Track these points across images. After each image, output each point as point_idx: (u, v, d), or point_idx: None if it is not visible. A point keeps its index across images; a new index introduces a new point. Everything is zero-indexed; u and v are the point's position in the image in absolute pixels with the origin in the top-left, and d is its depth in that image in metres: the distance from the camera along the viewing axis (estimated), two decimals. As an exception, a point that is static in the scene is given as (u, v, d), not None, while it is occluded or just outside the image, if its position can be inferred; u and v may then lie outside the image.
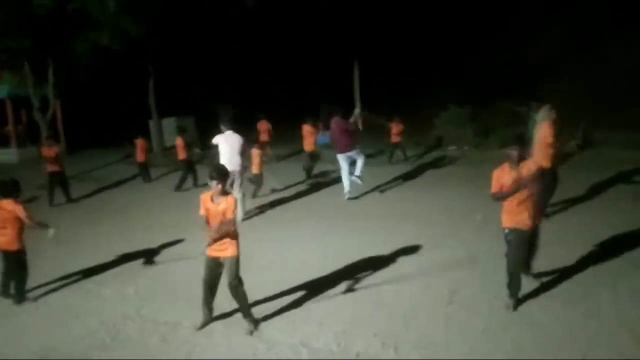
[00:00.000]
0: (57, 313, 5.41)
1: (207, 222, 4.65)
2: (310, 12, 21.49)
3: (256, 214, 9.38)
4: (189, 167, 12.28)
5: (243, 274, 4.70)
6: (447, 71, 21.85)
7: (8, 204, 5.61)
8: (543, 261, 5.47)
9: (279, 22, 22.54)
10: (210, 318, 4.87)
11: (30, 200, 10.96)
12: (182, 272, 6.34)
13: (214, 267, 4.70)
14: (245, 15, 16.87)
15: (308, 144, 12.81)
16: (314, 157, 12.71)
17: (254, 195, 10.50)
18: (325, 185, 11.65)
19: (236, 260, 4.65)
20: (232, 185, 8.25)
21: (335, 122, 9.89)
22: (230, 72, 24.31)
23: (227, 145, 8.53)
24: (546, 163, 7.17)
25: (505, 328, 4.46)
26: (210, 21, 16.98)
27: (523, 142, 4.78)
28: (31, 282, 6.03)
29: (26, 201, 10.98)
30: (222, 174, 4.64)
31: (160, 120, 19.70)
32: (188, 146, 12.60)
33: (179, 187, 11.90)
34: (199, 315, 4.96)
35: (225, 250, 4.61)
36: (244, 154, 8.84)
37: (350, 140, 9.78)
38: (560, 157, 7.61)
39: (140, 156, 13.63)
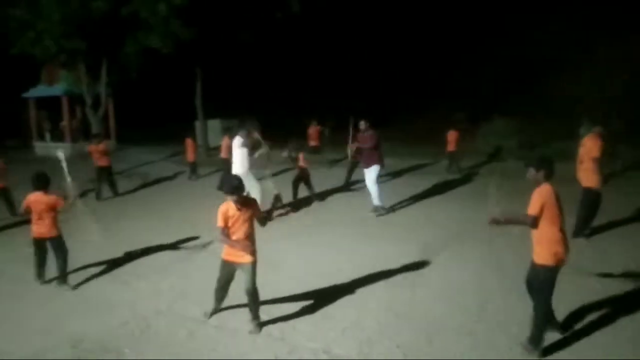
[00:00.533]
0: (92, 302, 5.64)
1: (228, 233, 4.66)
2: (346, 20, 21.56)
3: (282, 219, 9.43)
4: (230, 167, 12.48)
5: (271, 276, 4.78)
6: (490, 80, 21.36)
7: (42, 197, 5.99)
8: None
9: (326, 28, 22.76)
10: (219, 308, 5.16)
11: (82, 195, 11.46)
12: (216, 270, 6.46)
13: (230, 271, 4.89)
14: (291, 20, 17.08)
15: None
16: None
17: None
18: (362, 193, 11.60)
19: (253, 266, 4.73)
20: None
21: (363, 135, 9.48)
22: (277, 76, 24.70)
23: (239, 150, 8.93)
24: (589, 182, 7.03)
25: (532, 350, 4.32)
26: (256, 26, 17.29)
27: (541, 165, 4.24)
28: (70, 270, 6.33)
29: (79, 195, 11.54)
30: (237, 188, 4.63)
31: (206, 121, 20.20)
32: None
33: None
34: (226, 314, 5.11)
35: (242, 256, 4.71)
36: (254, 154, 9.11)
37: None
38: (603, 176, 7.20)
39: (190, 155, 14.05)
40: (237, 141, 9.03)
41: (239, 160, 8.96)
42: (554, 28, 20.08)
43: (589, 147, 7.02)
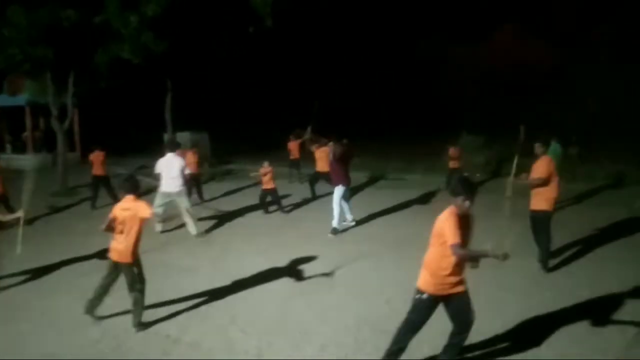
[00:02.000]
0: (60, 320, 5.43)
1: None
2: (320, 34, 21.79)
3: (250, 233, 9.38)
4: (196, 181, 12.28)
5: (244, 291, 4.70)
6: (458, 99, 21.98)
7: None
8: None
9: (299, 42, 22.94)
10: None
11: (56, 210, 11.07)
12: (187, 284, 6.36)
13: (116, 270, 5.18)
14: (264, 35, 17.12)
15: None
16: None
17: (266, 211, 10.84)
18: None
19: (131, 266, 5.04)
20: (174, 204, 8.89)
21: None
22: (249, 89, 24.71)
23: (167, 169, 8.95)
24: (540, 205, 6.67)
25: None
26: (228, 40, 17.26)
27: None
28: (33, 290, 6.08)
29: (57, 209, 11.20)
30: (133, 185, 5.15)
31: (175, 134, 19.90)
32: (199, 161, 12.71)
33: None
34: (201, 329, 5.05)
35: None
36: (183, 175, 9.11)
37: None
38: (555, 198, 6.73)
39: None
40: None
41: (167, 178, 9.00)
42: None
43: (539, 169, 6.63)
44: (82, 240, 8.83)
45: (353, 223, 9.59)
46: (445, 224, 3.85)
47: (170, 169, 8.95)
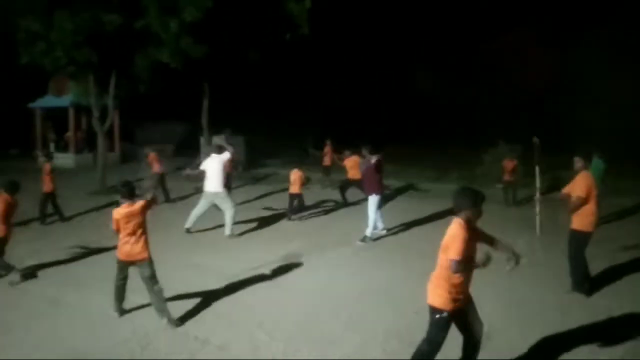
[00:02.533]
0: (91, 318, 5.55)
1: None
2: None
3: (282, 238, 9.39)
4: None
5: (274, 296, 4.70)
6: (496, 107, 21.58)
7: None
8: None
9: (337, 49, 23.00)
10: None
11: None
12: (216, 288, 6.42)
13: (124, 270, 5.43)
14: (300, 42, 17.25)
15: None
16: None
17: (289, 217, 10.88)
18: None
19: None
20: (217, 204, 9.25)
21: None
22: (285, 94, 24.93)
23: (211, 169, 9.29)
24: (580, 225, 6.10)
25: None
26: (265, 46, 17.45)
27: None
28: (69, 287, 6.24)
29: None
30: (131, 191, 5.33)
31: (211, 137, 20.22)
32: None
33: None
34: (229, 332, 5.08)
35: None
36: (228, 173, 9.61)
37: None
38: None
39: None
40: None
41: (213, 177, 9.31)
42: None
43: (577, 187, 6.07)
44: (116, 238, 9.03)
45: (384, 232, 9.49)
46: (453, 238, 3.74)
47: (214, 170, 9.25)
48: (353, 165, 12.03)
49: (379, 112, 24.65)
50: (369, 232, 8.97)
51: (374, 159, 9.16)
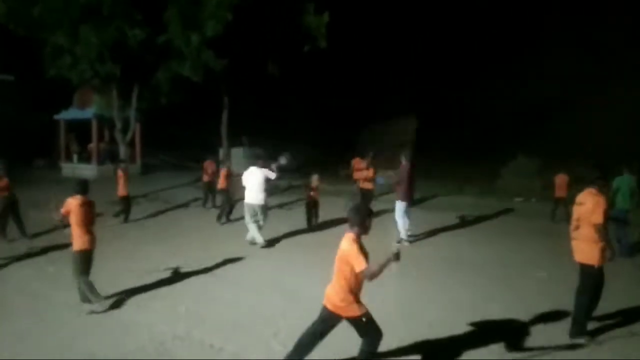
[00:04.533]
0: (109, 324, 5.65)
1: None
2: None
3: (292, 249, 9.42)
4: (227, 197, 12.12)
5: (288, 306, 4.73)
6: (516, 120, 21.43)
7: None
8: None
9: (354, 61, 23.15)
10: None
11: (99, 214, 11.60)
12: (231, 296, 6.49)
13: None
14: (318, 54, 17.46)
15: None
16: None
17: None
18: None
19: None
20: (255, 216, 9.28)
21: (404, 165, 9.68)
22: (304, 107, 25.12)
23: (250, 182, 9.31)
24: (591, 259, 5.14)
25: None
26: (283, 59, 17.70)
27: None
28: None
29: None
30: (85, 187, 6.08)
31: (230, 149, 20.50)
32: (230, 176, 12.44)
33: (219, 217, 11.81)
34: (244, 341, 5.12)
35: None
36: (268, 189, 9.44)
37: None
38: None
39: (204, 177, 13.64)
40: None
41: (252, 190, 9.32)
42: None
43: (591, 207, 5.13)
44: (134, 247, 9.22)
45: (407, 243, 9.53)
46: (350, 253, 4.09)
47: (253, 182, 9.29)
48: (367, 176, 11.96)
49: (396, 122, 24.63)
50: (402, 235, 9.46)
51: (408, 165, 9.53)
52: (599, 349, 4.99)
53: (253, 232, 9.31)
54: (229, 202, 11.97)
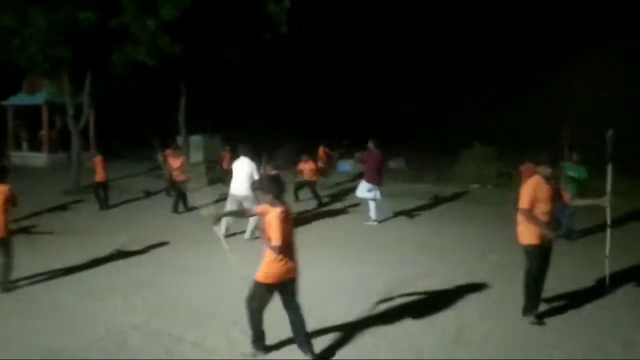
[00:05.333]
0: (66, 317, 5.51)
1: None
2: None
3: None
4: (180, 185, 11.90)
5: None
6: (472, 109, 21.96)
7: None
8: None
9: (315, 48, 23.10)
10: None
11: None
12: (189, 285, 6.44)
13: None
14: (279, 41, 17.31)
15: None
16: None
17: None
18: (341, 212, 11.71)
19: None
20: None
21: (372, 152, 10.34)
22: (263, 94, 24.91)
23: (237, 172, 9.09)
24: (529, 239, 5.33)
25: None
26: (243, 46, 17.43)
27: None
28: (43, 287, 6.18)
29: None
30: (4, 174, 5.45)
31: (188, 136, 20.13)
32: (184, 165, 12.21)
33: (175, 207, 11.55)
34: (204, 330, 5.09)
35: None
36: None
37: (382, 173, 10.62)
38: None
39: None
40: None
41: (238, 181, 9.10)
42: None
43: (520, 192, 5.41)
44: (89, 238, 8.99)
45: (375, 223, 10.29)
46: (271, 224, 4.29)
47: (241, 173, 9.04)
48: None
49: (354, 114, 24.81)
50: (373, 214, 10.26)
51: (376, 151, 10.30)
52: (547, 330, 5.23)
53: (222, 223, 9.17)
54: (181, 190, 11.79)
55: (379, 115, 24.72)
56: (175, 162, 11.96)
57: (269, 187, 4.44)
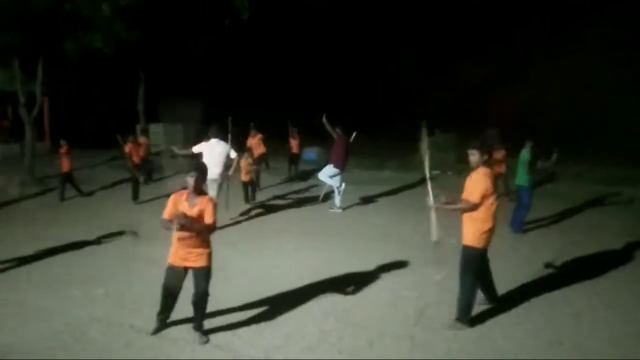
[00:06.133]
0: (23, 311, 5.35)
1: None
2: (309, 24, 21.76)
3: (233, 224, 9.39)
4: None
5: (214, 282, 4.73)
6: (433, 97, 22.32)
7: None
8: (512, 285, 5.58)
9: (277, 35, 22.87)
10: (164, 326, 4.84)
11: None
12: (152, 276, 6.33)
13: (180, 276, 4.64)
14: (240, 27, 17.06)
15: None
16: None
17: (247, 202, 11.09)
18: (306, 200, 11.74)
19: (208, 271, 4.62)
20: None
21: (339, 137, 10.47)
22: (224, 82, 24.51)
23: (208, 155, 8.58)
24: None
25: (469, 353, 4.51)
26: (203, 32, 17.13)
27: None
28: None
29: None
30: (201, 170, 4.60)
31: (148, 125, 19.70)
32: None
33: (135, 197, 11.40)
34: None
35: (196, 260, 4.57)
36: (228, 164, 8.89)
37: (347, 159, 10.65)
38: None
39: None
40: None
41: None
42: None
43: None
44: (45, 230, 8.74)
45: (340, 210, 10.41)
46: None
47: (212, 155, 8.51)
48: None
49: (313, 100, 24.80)
50: (337, 202, 10.38)
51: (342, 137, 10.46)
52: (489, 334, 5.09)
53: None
54: (137, 179, 11.68)
55: (343, 103, 24.79)
56: (138, 150, 12.02)
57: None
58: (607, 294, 5.89)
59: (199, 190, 4.56)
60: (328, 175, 10.46)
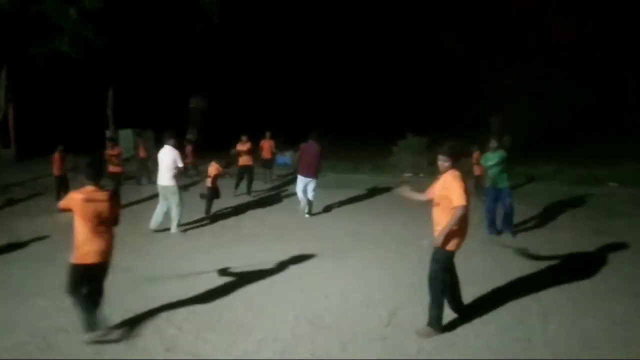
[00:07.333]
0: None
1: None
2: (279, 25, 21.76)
3: (207, 228, 9.31)
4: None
5: (183, 287, 4.66)
6: (405, 101, 22.62)
7: None
8: (483, 285, 5.65)
9: (248, 39, 22.81)
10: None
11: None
12: (120, 284, 6.21)
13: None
14: (211, 32, 16.96)
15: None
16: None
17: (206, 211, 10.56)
18: (281, 205, 11.71)
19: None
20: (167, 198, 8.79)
21: (310, 145, 10.08)
22: (196, 87, 24.30)
23: (161, 161, 8.81)
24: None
25: (440, 351, 4.56)
26: (172, 36, 16.97)
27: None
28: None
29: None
30: (96, 169, 4.78)
31: (118, 130, 19.36)
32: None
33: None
34: (134, 328, 4.90)
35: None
36: (178, 169, 8.85)
37: (319, 166, 10.25)
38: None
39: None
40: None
41: (162, 170, 8.80)
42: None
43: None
44: (8, 238, 8.49)
45: (307, 215, 10.22)
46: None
47: (163, 162, 8.70)
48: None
49: (288, 104, 24.85)
50: (303, 206, 10.16)
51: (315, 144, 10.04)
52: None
53: (156, 216, 8.93)
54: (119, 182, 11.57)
55: (306, 107, 24.90)
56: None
57: (86, 172, 4.68)
58: (575, 290, 6.03)
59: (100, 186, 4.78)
60: (301, 188, 10.11)
